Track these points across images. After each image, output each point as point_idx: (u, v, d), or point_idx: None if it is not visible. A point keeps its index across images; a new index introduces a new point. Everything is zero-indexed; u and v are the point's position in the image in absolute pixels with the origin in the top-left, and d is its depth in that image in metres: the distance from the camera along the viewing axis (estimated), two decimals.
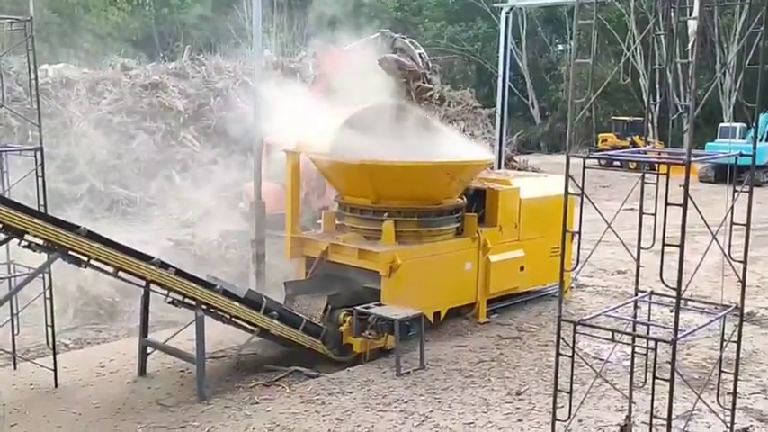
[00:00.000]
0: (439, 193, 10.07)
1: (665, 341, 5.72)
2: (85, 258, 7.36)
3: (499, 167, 16.46)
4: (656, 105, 25.65)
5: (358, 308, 8.89)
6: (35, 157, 7.93)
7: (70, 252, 7.27)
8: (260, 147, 10.41)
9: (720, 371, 6.56)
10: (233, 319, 8.25)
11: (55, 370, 8.12)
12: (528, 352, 9.50)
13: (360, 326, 8.84)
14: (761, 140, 29.13)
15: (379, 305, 9.04)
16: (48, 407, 7.62)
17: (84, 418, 7.36)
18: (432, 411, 7.56)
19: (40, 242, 7.19)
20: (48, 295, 8.35)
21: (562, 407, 6.10)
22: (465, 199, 10.65)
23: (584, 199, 5.68)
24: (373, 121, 9.73)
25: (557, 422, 6.05)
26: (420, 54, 13.40)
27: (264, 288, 10.03)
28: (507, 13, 16.69)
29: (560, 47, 51.59)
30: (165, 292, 7.89)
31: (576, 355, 5.97)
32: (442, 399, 7.90)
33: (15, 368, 8.57)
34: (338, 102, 10.35)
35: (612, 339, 5.84)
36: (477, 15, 49.63)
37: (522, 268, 11.04)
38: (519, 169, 23.26)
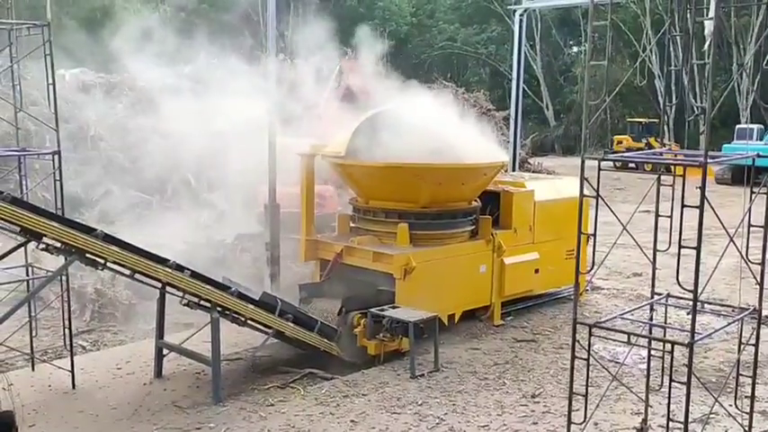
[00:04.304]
0: (443, 195, 10.01)
1: (681, 344, 5.69)
2: (102, 261, 7.41)
3: (513, 170, 16.43)
4: (671, 107, 25.52)
5: (372, 310, 8.90)
6: (53, 160, 7.99)
7: (87, 254, 7.32)
8: (274, 148, 10.44)
9: (738, 374, 6.52)
10: (248, 321, 8.28)
11: (72, 371, 8.18)
12: (543, 355, 9.47)
13: (374, 328, 8.84)
14: None
15: (394, 307, 9.05)
16: (65, 408, 7.68)
17: (101, 420, 7.40)
18: (446, 414, 7.56)
19: (58, 245, 7.24)
20: (65, 297, 8.41)
21: (577, 410, 6.08)
22: (479, 201, 10.64)
23: (600, 201, 5.66)
24: (387, 124, 9.72)
25: (572, 425, 6.03)
26: None
27: (279, 290, 10.06)
28: (521, 15, 16.67)
29: (575, 49, 51.50)
30: (181, 294, 7.93)
31: (591, 358, 5.95)
32: (456, 401, 7.90)
33: (33, 369, 8.64)
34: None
35: (628, 342, 5.82)
36: (490, 18, 49.65)
37: (536, 271, 11.01)
38: (533, 171, 23.21)
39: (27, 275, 8.62)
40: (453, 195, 10.13)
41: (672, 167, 6.53)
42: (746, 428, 6.40)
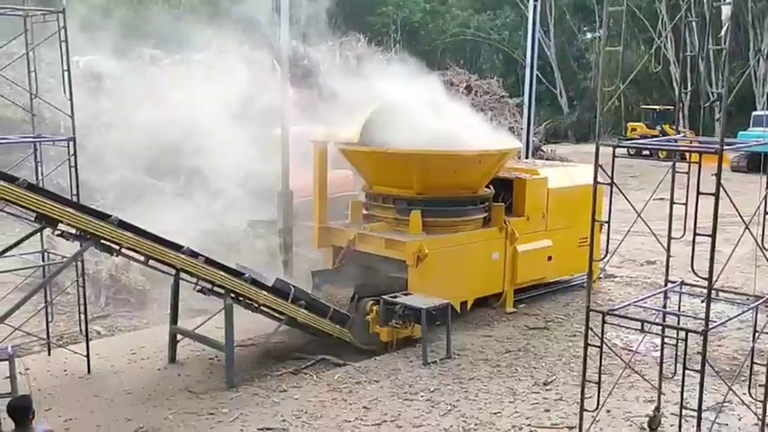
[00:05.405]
0: (436, 182, 9.93)
1: (695, 332, 5.68)
2: (117, 247, 7.46)
3: (527, 157, 16.38)
4: (687, 94, 25.38)
5: (385, 297, 8.91)
6: (68, 146, 8.01)
7: (102, 241, 7.37)
8: (287, 135, 10.46)
9: (752, 362, 6.51)
10: (261, 307, 8.31)
11: (88, 356, 8.25)
12: (555, 342, 9.47)
13: (387, 315, 8.86)
14: None
15: (406, 294, 9.06)
16: (81, 392, 7.75)
17: (116, 404, 7.48)
18: (458, 401, 7.58)
19: (73, 231, 7.29)
20: (80, 283, 8.47)
21: (590, 397, 6.08)
22: (492, 188, 10.61)
23: (614, 188, 5.64)
24: (395, 113, 9.71)
25: (584, 413, 6.03)
26: None
27: (292, 277, 10.09)
28: (535, 1, 16.56)
29: (589, 35, 51.04)
30: (195, 280, 7.97)
31: (604, 346, 5.94)
32: (468, 388, 7.91)
33: (49, 354, 8.72)
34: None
35: (642, 330, 5.81)
36: (504, 4, 49.35)
37: (549, 258, 10.99)
38: (547, 159, 23.12)
39: (42, 261, 8.69)
40: (449, 182, 10.00)
41: (687, 155, 6.50)
42: (760, 417, 6.38)
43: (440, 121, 9.77)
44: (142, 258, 7.67)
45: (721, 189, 5.16)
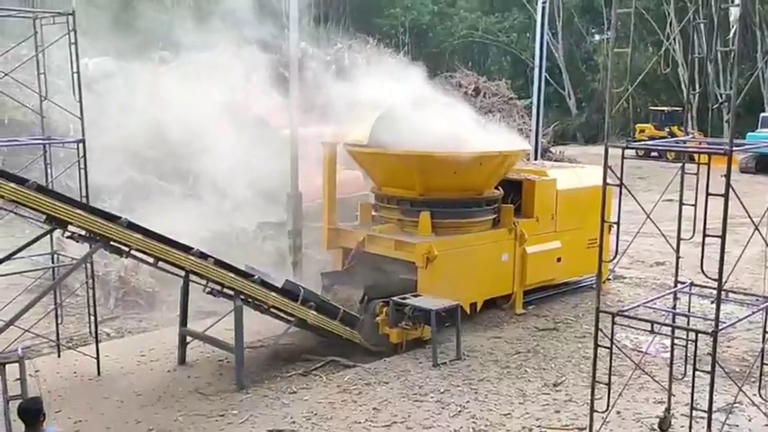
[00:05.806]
0: (437, 183, 9.90)
1: (705, 333, 5.67)
2: (126, 249, 7.48)
3: (535, 158, 16.37)
4: (695, 95, 25.27)
5: (394, 299, 8.92)
6: (77, 148, 8.05)
7: (112, 242, 7.39)
8: (296, 137, 10.49)
9: (762, 363, 6.49)
10: (271, 309, 8.32)
11: (97, 358, 8.29)
12: (565, 343, 9.45)
13: (396, 316, 8.87)
14: None
15: (416, 296, 9.06)
16: (91, 394, 7.78)
17: (126, 406, 7.50)
18: (468, 402, 7.58)
19: (83, 233, 7.32)
20: (90, 285, 8.50)
21: (600, 398, 6.07)
22: (501, 190, 10.61)
23: (623, 190, 5.64)
24: (406, 114, 9.72)
25: (594, 414, 6.03)
26: None
27: (302, 279, 10.10)
28: (543, 3, 16.55)
29: (597, 37, 50.96)
30: (204, 282, 7.98)
31: (614, 347, 5.94)
32: (478, 389, 7.91)
33: (59, 356, 8.76)
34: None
35: (652, 331, 5.80)
36: (512, 6, 49.34)
37: (558, 259, 10.98)
38: (555, 160, 23.09)
39: (52, 263, 8.73)
40: (452, 184, 9.95)
41: (695, 156, 6.49)
42: None
43: (448, 123, 9.76)
44: (151, 260, 7.69)
45: (730, 190, 5.16)
